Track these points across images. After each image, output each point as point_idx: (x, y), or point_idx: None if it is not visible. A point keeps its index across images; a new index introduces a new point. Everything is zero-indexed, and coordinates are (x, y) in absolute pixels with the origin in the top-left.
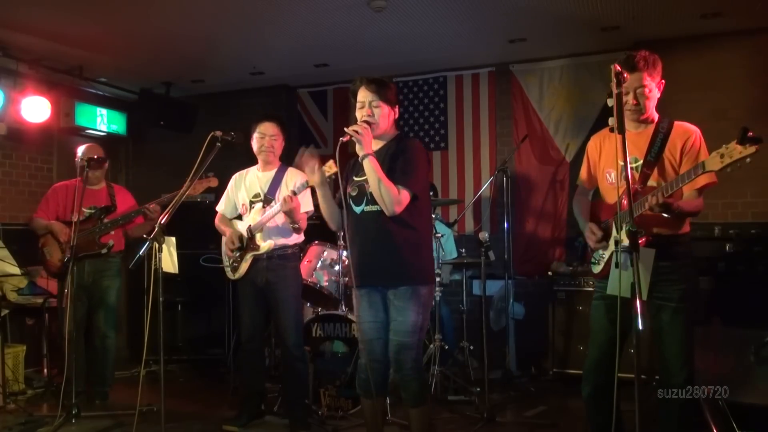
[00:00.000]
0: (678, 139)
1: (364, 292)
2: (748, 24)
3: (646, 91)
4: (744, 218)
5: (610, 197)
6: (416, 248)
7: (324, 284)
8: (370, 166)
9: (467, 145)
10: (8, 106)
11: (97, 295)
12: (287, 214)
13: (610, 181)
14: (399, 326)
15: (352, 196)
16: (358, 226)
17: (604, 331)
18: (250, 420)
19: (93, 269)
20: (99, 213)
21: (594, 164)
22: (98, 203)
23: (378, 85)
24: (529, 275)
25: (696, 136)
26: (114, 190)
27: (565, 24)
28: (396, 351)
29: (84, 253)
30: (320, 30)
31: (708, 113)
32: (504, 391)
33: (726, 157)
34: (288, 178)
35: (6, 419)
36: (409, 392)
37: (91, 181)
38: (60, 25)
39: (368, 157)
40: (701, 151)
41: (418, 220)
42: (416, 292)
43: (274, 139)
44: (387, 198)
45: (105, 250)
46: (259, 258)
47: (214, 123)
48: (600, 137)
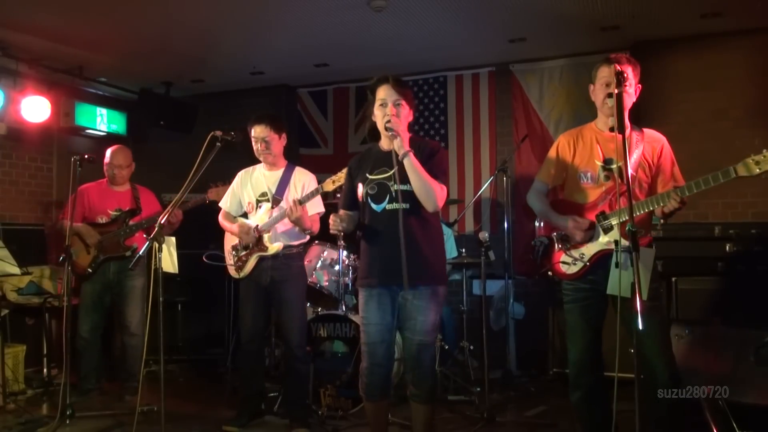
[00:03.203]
0: (654, 144)
1: (375, 292)
2: (748, 24)
3: (627, 85)
4: (744, 218)
5: (581, 198)
6: (436, 247)
7: (324, 284)
8: (412, 165)
9: (467, 145)
10: (8, 105)
11: (123, 295)
12: (295, 222)
13: (585, 181)
14: (420, 326)
15: (371, 194)
16: (378, 225)
17: (582, 334)
18: (250, 420)
19: (117, 269)
20: (124, 216)
21: (563, 163)
22: (123, 205)
23: (403, 85)
24: (529, 275)
25: (667, 146)
26: (138, 192)
27: (565, 24)
28: (417, 351)
29: (109, 255)
30: (320, 30)
31: (708, 113)
32: (504, 391)
33: (763, 163)
34: (296, 179)
35: (6, 419)
36: (424, 389)
37: (117, 183)
38: (60, 25)
39: (408, 155)
40: (674, 162)
41: (436, 220)
42: (435, 291)
43: (266, 141)
44: (432, 195)
45: (129, 253)
46: (265, 257)
47: (214, 123)
48: (571, 136)
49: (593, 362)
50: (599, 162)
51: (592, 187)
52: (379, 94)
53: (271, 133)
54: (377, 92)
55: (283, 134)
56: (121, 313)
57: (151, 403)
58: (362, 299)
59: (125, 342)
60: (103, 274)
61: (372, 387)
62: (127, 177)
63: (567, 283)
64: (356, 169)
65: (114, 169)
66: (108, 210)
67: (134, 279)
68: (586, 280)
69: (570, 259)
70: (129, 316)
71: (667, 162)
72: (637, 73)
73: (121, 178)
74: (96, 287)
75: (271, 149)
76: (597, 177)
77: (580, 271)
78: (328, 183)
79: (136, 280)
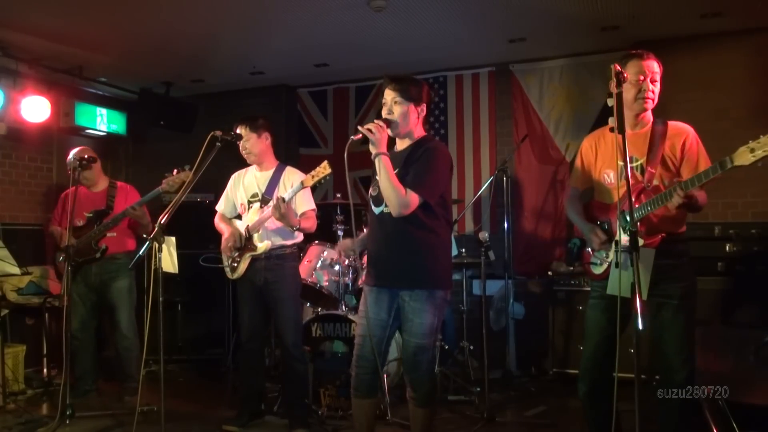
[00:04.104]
0: (676, 138)
1: (374, 290)
2: (748, 24)
3: (658, 78)
4: (744, 218)
5: (608, 198)
6: (433, 251)
7: (324, 284)
8: (382, 166)
9: (467, 145)
10: (8, 105)
11: (109, 297)
12: (280, 219)
13: (609, 181)
14: (416, 328)
15: (373, 196)
16: (377, 227)
17: (601, 330)
18: (250, 420)
19: (100, 270)
20: (95, 217)
21: (589, 165)
22: (98, 206)
23: (399, 82)
24: (529, 275)
25: (692, 135)
26: (116, 191)
27: (565, 24)
28: (413, 353)
29: (82, 258)
30: (320, 30)
31: (708, 113)
32: (504, 391)
33: (758, 150)
34: (286, 178)
35: (6, 419)
36: (422, 392)
37: (89, 184)
38: (60, 25)
39: (380, 156)
40: (700, 150)
41: (435, 223)
42: (432, 295)
43: (245, 141)
44: (393, 199)
45: (99, 255)
46: (258, 258)
47: (214, 123)
48: (594, 138)
49: (605, 360)
50: (620, 161)
51: (615, 186)
52: (383, 96)
53: (248, 132)
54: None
55: (265, 133)
56: (111, 316)
57: (151, 403)
58: (363, 295)
59: (118, 345)
60: (84, 275)
61: (358, 381)
62: (94, 177)
63: (594, 282)
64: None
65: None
66: (84, 212)
67: (117, 281)
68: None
69: (597, 261)
70: (119, 320)
71: (693, 154)
72: (662, 68)
73: (89, 180)
74: (80, 288)
75: (249, 149)
76: (618, 176)
77: (606, 272)
78: (308, 178)
79: (121, 282)
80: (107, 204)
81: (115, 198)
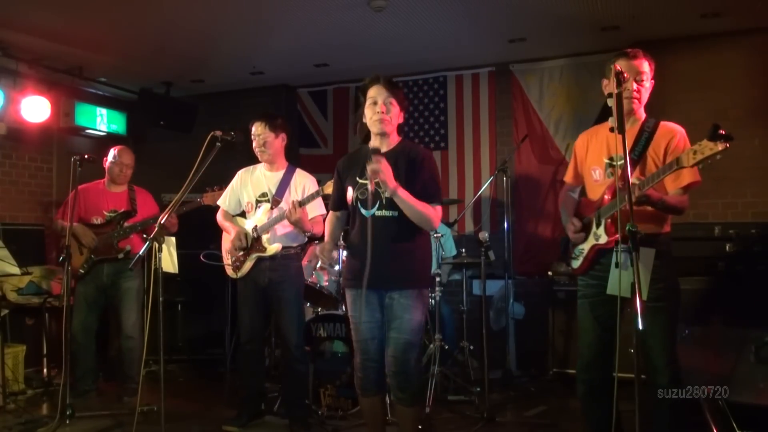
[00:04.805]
0: (662, 139)
1: (361, 292)
2: (747, 24)
3: (644, 78)
4: (744, 218)
5: (593, 194)
6: (425, 253)
7: (324, 284)
8: (402, 199)
9: (467, 145)
10: (8, 105)
11: (118, 297)
12: (294, 224)
13: (595, 178)
14: (406, 324)
15: (361, 199)
16: (365, 230)
17: (591, 330)
18: (250, 420)
19: (111, 271)
20: (119, 217)
21: (581, 162)
22: (119, 207)
23: (394, 86)
24: (529, 275)
25: (680, 136)
26: (135, 194)
27: (565, 24)
28: (403, 350)
29: (102, 257)
30: (320, 30)
31: (708, 113)
32: (504, 391)
33: (698, 153)
34: (296, 181)
35: (6, 419)
36: (409, 391)
37: (119, 182)
38: (60, 25)
39: (395, 193)
40: (682, 150)
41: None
42: (421, 293)
43: (262, 139)
44: (428, 221)
45: (122, 255)
46: (263, 258)
47: (214, 123)
48: (588, 135)
49: (599, 360)
50: (606, 159)
51: (600, 183)
52: (369, 93)
53: (267, 131)
54: (368, 92)
55: (282, 134)
56: (117, 315)
57: (150, 403)
58: (349, 298)
59: (122, 345)
60: (96, 275)
61: (366, 381)
62: (129, 177)
63: (580, 279)
64: (345, 170)
65: (123, 168)
66: (103, 211)
67: (129, 281)
68: (592, 275)
69: (576, 254)
70: (125, 319)
71: (676, 154)
72: (653, 67)
73: (125, 177)
74: (88, 289)
75: (266, 148)
76: (604, 173)
77: (582, 266)
78: (329, 186)
79: (131, 282)
80: (132, 206)
81: (136, 201)
